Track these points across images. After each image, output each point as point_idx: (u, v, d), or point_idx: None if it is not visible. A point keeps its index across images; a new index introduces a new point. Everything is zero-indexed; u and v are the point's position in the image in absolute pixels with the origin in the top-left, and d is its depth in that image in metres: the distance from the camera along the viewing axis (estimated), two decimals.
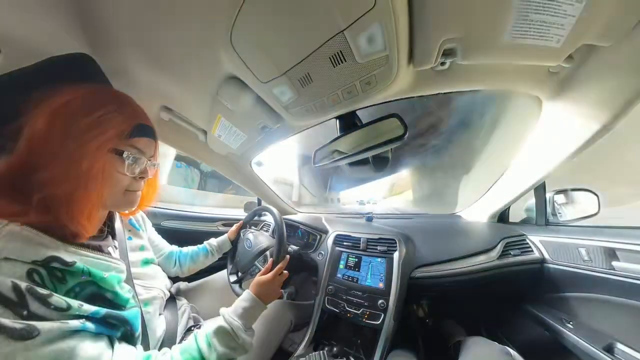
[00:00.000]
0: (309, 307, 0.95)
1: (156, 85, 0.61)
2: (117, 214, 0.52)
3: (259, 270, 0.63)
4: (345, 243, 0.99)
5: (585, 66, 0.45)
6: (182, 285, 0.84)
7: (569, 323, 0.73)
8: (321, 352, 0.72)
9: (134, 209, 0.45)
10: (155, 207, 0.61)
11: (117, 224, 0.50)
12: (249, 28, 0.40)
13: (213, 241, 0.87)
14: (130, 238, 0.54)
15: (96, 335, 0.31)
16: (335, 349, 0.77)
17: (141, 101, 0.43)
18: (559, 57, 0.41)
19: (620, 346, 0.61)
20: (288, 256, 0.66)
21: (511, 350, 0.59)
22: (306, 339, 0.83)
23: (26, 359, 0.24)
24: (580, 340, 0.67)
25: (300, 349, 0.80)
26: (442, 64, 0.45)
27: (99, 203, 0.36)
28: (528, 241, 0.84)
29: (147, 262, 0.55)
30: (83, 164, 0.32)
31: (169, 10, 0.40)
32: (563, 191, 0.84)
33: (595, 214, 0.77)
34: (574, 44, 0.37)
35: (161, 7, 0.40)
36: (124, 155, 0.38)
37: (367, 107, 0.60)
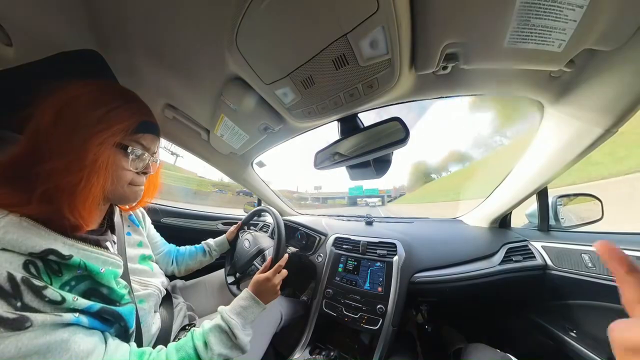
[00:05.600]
0: (300, 302, 0.94)
1: (161, 83, 0.62)
2: (117, 208, 0.52)
3: (258, 270, 0.63)
4: (344, 246, 0.98)
5: (586, 71, 0.45)
6: (179, 283, 0.84)
7: (572, 331, 0.72)
8: (317, 356, 0.70)
9: (135, 203, 0.46)
10: (155, 204, 0.61)
11: (117, 219, 0.50)
12: (253, 30, 0.40)
13: (211, 241, 0.87)
14: (129, 234, 0.54)
15: (90, 329, 0.31)
16: (332, 353, 0.76)
17: (146, 99, 0.44)
18: (560, 62, 0.41)
19: None
20: (287, 254, 0.66)
21: (513, 358, 0.58)
22: (302, 342, 0.82)
23: (18, 350, 0.24)
24: (584, 350, 0.66)
25: (296, 353, 0.79)
26: (444, 68, 0.45)
27: (101, 196, 0.36)
28: (530, 247, 0.83)
29: (144, 259, 0.55)
30: (88, 157, 0.32)
31: (176, 11, 0.41)
32: (566, 196, 0.83)
33: (599, 220, 0.76)
34: (576, 48, 0.38)
35: (168, 8, 0.41)
36: (128, 150, 0.38)
37: (368, 110, 0.60)
